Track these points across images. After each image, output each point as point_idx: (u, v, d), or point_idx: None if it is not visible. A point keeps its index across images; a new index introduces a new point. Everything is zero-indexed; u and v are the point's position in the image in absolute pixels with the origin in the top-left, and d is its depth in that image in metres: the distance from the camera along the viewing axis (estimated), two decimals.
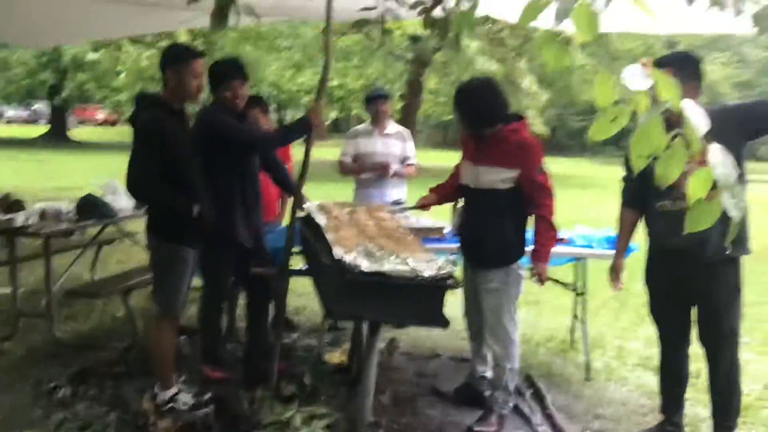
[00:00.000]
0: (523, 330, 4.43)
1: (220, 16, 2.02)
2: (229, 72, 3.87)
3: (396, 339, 4.69)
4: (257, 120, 4.46)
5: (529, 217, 3.56)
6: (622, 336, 5.35)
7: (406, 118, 17.62)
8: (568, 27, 1.41)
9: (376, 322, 3.10)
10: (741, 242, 3.19)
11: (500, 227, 3.48)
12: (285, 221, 5.19)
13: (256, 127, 4.27)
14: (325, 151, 22.23)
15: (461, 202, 4.56)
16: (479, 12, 2.37)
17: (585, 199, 15.40)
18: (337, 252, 2.95)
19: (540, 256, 3.48)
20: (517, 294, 3.57)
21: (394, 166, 5.10)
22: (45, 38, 7.25)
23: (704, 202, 1.33)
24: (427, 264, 2.86)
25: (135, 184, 3.36)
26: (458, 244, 3.81)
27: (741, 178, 2.83)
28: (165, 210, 3.45)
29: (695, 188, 1.33)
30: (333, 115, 21.16)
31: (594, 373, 4.49)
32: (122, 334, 4.78)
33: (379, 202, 4.80)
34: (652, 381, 4.37)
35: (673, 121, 1.36)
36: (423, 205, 3.97)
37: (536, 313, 5.88)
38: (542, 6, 1.38)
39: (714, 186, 1.30)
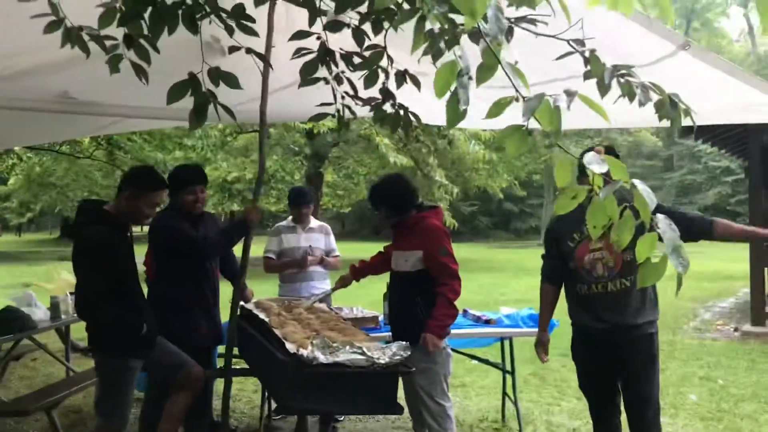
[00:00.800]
0: (455, 413, 4.55)
1: (197, 114, 2.14)
2: (192, 178, 4.07)
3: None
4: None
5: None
6: (549, 411, 5.56)
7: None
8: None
9: (329, 416, 3.16)
10: (654, 315, 3.49)
11: (413, 307, 3.72)
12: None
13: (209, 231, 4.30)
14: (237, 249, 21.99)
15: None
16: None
17: (490, 280, 15.99)
18: (291, 347, 3.02)
19: (431, 328, 3.65)
20: (446, 371, 3.74)
21: (318, 253, 5.23)
22: None
23: (651, 262, 1.54)
24: (381, 351, 2.98)
25: (85, 305, 3.37)
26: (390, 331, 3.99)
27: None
28: (113, 328, 3.42)
29: (642, 250, 1.54)
30: (235, 207, 21.21)
31: None
32: None
33: (307, 296, 4.90)
34: None
35: (620, 198, 1.58)
36: (343, 285, 4.28)
37: (463, 395, 6.01)
38: (506, 104, 1.59)
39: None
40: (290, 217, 5.47)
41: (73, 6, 2.11)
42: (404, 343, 3.07)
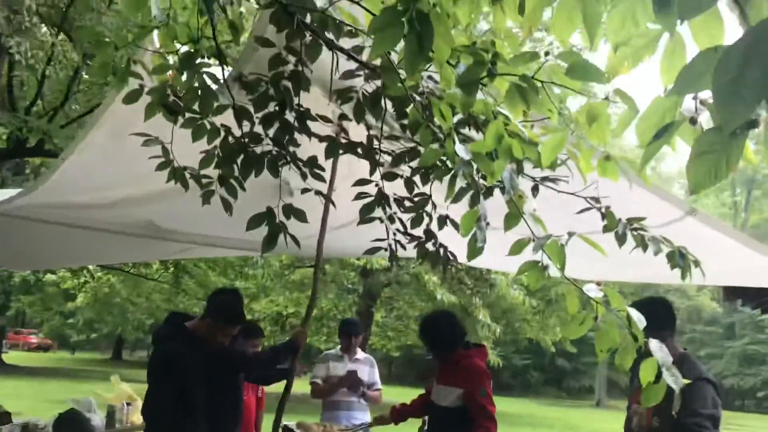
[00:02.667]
0: None
1: (269, 241, 2.56)
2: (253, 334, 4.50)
3: None
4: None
5: None
6: None
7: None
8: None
9: None
10: None
11: None
12: None
13: (242, 350, 4.69)
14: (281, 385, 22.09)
15: (425, 426, 4.96)
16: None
17: None
18: None
19: None
20: None
21: (362, 388, 5.48)
22: (34, 263, 7.67)
23: (652, 385, 1.80)
24: None
25: (147, 410, 3.77)
26: None
27: None
28: None
29: (646, 374, 1.79)
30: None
31: None
32: None
33: (346, 424, 5.13)
34: None
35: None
36: (381, 422, 4.55)
37: None
38: (525, 244, 1.95)
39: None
40: (339, 347, 5.80)
41: (176, 149, 2.63)
42: None
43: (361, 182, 2.72)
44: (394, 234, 2.93)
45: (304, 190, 2.84)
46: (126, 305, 20.67)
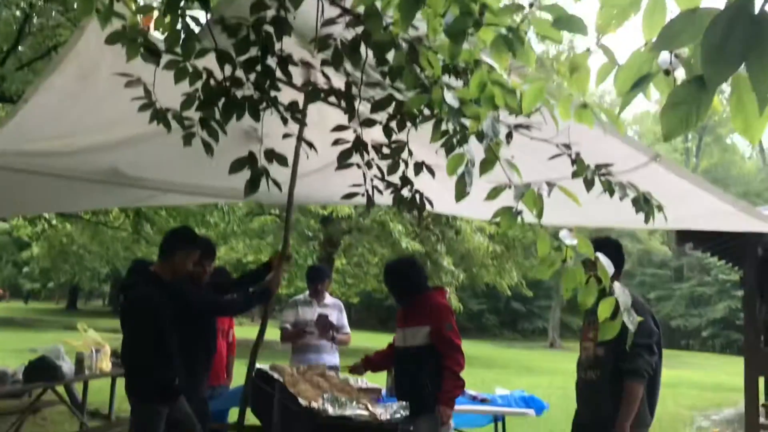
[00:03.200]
0: None
1: (252, 185, 2.59)
2: (203, 252, 4.43)
3: None
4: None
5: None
6: None
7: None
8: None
9: None
10: (641, 419, 3.55)
11: (422, 380, 4.03)
12: (232, 384, 5.55)
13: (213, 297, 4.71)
14: (252, 330, 22.21)
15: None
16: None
17: (492, 376, 16.07)
18: (303, 400, 3.39)
19: (444, 401, 3.99)
20: None
21: (332, 332, 5.61)
22: None
23: (609, 322, 1.93)
24: (384, 409, 3.33)
25: (128, 356, 3.84)
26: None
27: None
28: (147, 378, 3.82)
29: (603, 311, 1.92)
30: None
31: None
32: None
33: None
34: None
35: (587, 267, 1.99)
36: (352, 369, 4.63)
37: None
38: (501, 190, 2.02)
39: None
40: (307, 292, 5.89)
41: (158, 91, 2.61)
42: (404, 402, 3.42)
43: (339, 128, 2.75)
44: (371, 180, 2.97)
45: (285, 136, 2.86)
46: (83, 254, 20.35)
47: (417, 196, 3.07)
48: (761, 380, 9.35)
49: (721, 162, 53.59)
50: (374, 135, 2.91)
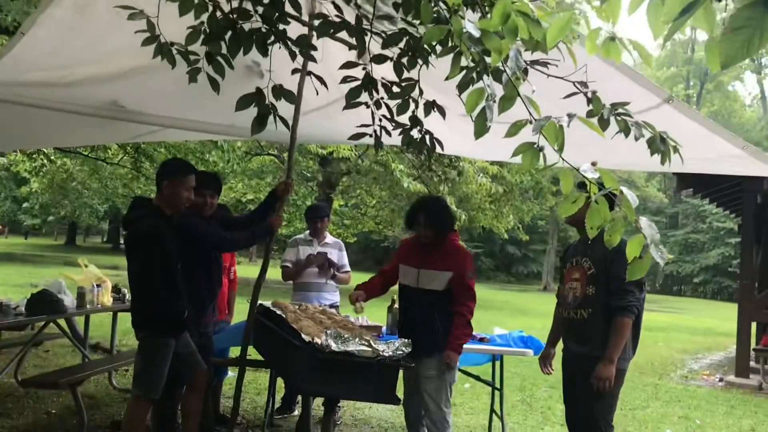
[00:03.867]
0: None
1: (259, 122, 2.55)
2: (206, 184, 4.39)
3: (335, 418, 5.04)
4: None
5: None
6: None
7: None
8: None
9: (335, 400, 3.54)
10: (625, 352, 3.67)
11: (433, 321, 4.04)
12: (233, 320, 5.61)
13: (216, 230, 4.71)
14: (251, 269, 22.29)
15: (396, 303, 5.14)
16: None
17: (487, 318, 16.31)
18: (306, 336, 3.42)
19: (453, 346, 4.01)
20: (452, 380, 4.10)
21: (332, 270, 5.65)
22: None
23: (638, 260, 1.90)
24: (386, 345, 3.37)
25: (138, 288, 3.83)
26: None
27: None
28: (156, 310, 3.84)
29: (633, 248, 1.87)
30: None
31: None
32: (63, 430, 4.89)
33: (316, 304, 5.30)
34: None
35: (612, 203, 1.96)
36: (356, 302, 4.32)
37: (454, 413, 6.34)
38: (522, 126, 1.98)
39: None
40: (308, 231, 5.90)
41: (162, 24, 2.54)
42: (407, 339, 3.46)
43: (348, 65, 2.69)
44: (380, 120, 2.93)
45: (295, 71, 2.80)
46: (82, 190, 20.30)
47: (427, 137, 3.05)
48: (753, 325, 9.49)
49: (721, 110, 53.24)
50: (383, 72, 2.85)
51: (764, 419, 7.03)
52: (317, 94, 2.98)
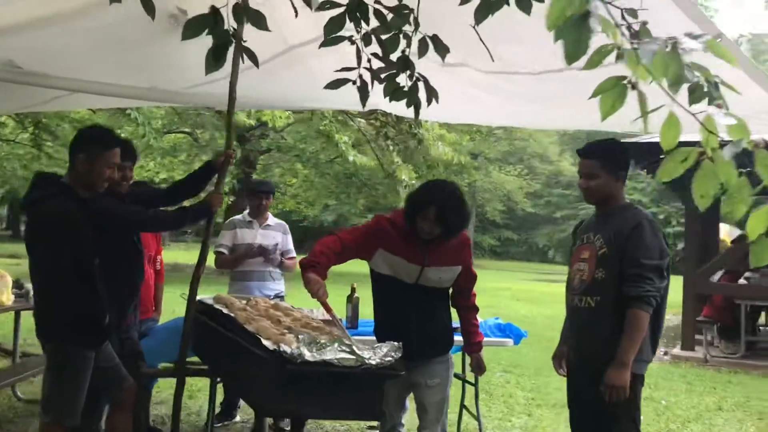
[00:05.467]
0: (408, 427, 4.26)
1: (216, 56, 1.84)
2: (124, 154, 3.52)
3: None
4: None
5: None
6: (501, 426, 5.39)
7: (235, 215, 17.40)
8: None
9: (304, 419, 2.87)
10: (642, 352, 3.03)
11: (440, 320, 3.41)
12: (162, 319, 4.80)
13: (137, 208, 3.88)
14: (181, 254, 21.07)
15: (356, 292, 4.49)
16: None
17: None
18: (268, 343, 2.74)
19: (478, 347, 3.46)
20: (450, 383, 3.50)
21: (279, 257, 4.94)
22: None
23: (764, 239, 1.34)
24: (372, 351, 2.72)
25: (44, 288, 3.00)
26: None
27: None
28: (69, 316, 3.03)
29: (755, 225, 1.34)
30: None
31: None
32: None
33: (259, 296, 4.57)
34: None
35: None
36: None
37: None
38: (607, 52, 1.38)
39: None
40: (246, 211, 5.14)
41: None
42: (396, 343, 2.81)
43: None
44: (368, 60, 2.25)
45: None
46: None
47: (421, 85, 2.40)
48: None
49: None
50: None
51: (724, 394, 6.82)
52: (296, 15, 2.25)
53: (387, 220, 3.42)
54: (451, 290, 3.47)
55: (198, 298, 3.63)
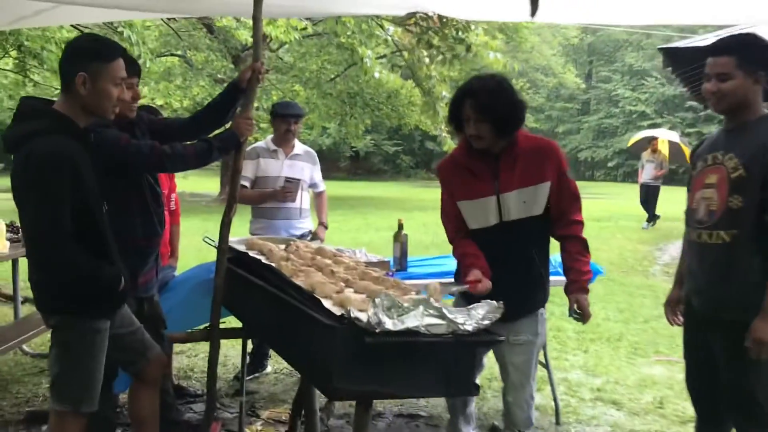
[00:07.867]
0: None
1: None
2: (128, 69, 2.82)
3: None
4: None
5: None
6: (558, 367, 4.91)
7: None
8: None
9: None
10: None
11: (530, 265, 2.77)
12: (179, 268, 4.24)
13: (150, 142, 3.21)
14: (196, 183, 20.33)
15: (403, 229, 3.95)
16: None
17: (432, 219, 15.36)
18: (328, 303, 2.18)
19: (581, 285, 2.74)
20: (543, 342, 2.95)
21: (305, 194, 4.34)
22: None
23: None
24: (468, 313, 2.15)
25: (40, 248, 2.36)
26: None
27: None
28: (77, 281, 2.42)
29: None
30: None
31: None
32: None
33: (286, 236, 4.00)
34: (619, 417, 4.01)
35: None
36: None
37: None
38: None
39: None
40: (270, 138, 4.49)
41: None
42: (494, 302, 2.22)
43: None
44: None
45: None
46: None
47: None
48: None
49: None
50: None
51: None
52: None
53: (446, 162, 2.87)
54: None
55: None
